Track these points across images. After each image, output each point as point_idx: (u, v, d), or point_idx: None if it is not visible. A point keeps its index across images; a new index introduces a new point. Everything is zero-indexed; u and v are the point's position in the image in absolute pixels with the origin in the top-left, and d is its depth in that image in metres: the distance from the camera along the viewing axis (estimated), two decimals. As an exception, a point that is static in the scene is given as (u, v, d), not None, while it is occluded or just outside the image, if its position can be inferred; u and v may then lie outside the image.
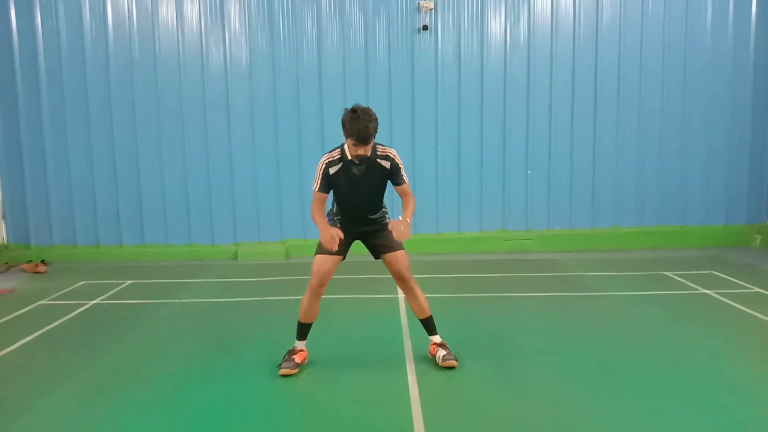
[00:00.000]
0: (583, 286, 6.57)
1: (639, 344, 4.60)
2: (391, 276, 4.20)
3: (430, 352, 4.25)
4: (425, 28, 8.28)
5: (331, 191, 4.08)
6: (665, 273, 7.00)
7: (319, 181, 3.97)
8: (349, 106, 3.86)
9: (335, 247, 3.78)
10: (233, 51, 8.39)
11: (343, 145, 3.98)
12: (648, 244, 8.74)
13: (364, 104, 3.87)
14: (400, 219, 3.81)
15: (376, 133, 3.82)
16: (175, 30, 8.30)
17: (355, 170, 3.93)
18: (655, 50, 8.54)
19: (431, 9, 8.28)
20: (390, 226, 3.82)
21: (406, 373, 4.03)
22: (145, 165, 8.44)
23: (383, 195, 4.16)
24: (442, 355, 4.11)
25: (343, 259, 4.14)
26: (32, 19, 8.14)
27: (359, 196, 4.03)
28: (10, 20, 8.13)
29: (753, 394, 3.68)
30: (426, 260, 7.79)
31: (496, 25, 8.45)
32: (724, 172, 8.82)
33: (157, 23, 8.27)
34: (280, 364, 4.07)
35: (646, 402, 3.58)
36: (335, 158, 3.96)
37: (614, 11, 8.47)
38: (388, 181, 4.07)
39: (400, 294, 6.08)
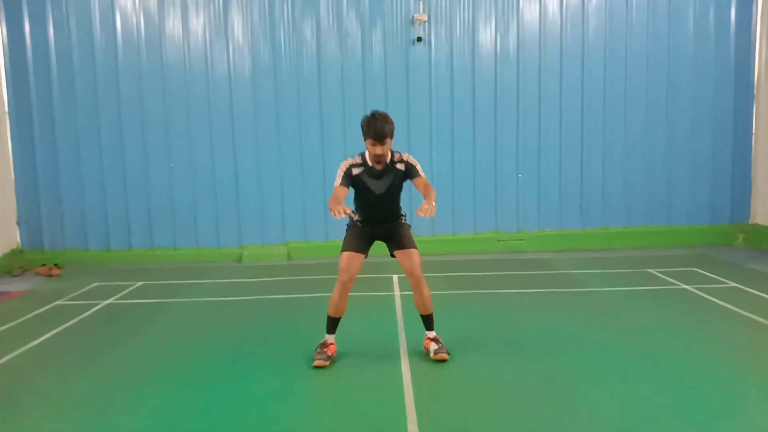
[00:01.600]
0: (572, 282, 6.94)
1: (620, 334, 4.96)
2: (387, 276, 4.53)
3: (424, 346, 4.55)
4: (419, 39, 8.66)
5: (353, 197, 4.43)
6: (649, 270, 7.36)
7: (341, 177, 4.28)
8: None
9: (340, 214, 3.86)
10: (237, 61, 8.76)
11: (363, 153, 4.34)
12: (635, 243, 9.11)
13: (361, 111, 4.23)
14: (425, 203, 3.98)
15: (392, 135, 4.19)
16: (182, 42, 8.68)
17: (375, 176, 4.30)
18: (639, 58, 8.94)
19: (425, 21, 8.67)
20: (418, 212, 3.94)
21: (400, 365, 4.34)
22: (153, 172, 8.80)
23: (400, 198, 4.50)
24: (434, 348, 4.41)
25: (366, 257, 4.45)
26: (45, 32, 8.50)
27: (379, 201, 4.37)
28: (24, 34, 8.50)
29: (719, 377, 4.04)
30: (422, 260, 8.11)
31: (486, 36, 8.84)
32: (708, 174, 9.20)
33: (164, 36, 8.65)
34: (313, 356, 4.37)
35: (622, 384, 3.93)
36: (357, 162, 4.32)
37: (600, 22, 8.87)
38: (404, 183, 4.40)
39: (396, 292, 6.45)
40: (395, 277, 6.96)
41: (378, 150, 4.17)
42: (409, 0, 8.73)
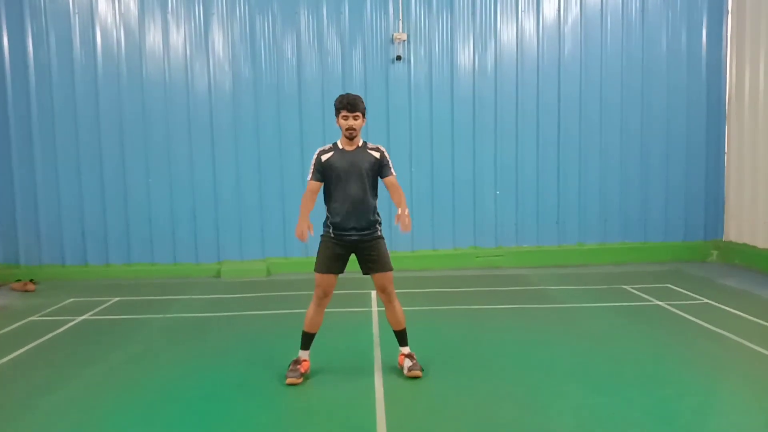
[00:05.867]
0: (547, 298, 7.02)
1: (591, 349, 5.04)
2: (365, 291, 4.57)
3: (398, 363, 4.57)
4: (399, 58, 8.78)
5: (324, 193, 4.42)
6: (624, 287, 7.47)
7: (312, 171, 4.38)
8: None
9: (305, 240, 4.03)
10: (217, 77, 8.80)
11: (336, 141, 4.44)
12: (611, 259, 9.24)
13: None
14: (399, 213, 4.08)
15: (364, 108, 4.31)
16: (162, 58, 8.71)
17: (346, 157, 4.32)
18: (614, 78, 9.13)
19: (404, 40, 8.80)
20: (396, 221, 4.07)
21: (373, 381, 4.36)
22: (132, 186, 8.77)
23: (375, 194, 4.43)
24: (408, 365, 4.43)
25: (341, 273, 4.42)
26: (24, 47, 8.49)
27: (351, 184, 4.29)
28: (3, 48, 8.48)
29: (687, 389, 4.13)
30: (401, 276, 8.14)
31: (465, 54, 8.99)
32: (682, 192, 9.37)
33: (144, 51, 8.67)
34: (285, 374, 4.35)
35: (593, 398, 4.00)
36: (327, 148, 4.43)
37: (575, 42, 9.06)
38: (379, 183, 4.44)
39: (374, 308, 6.47)
40: (373, 293, 6.95)
41: (350, 122, 4.26)
42: (389, 19, 8.85)
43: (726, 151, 9.38)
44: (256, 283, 8.24)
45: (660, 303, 6.59)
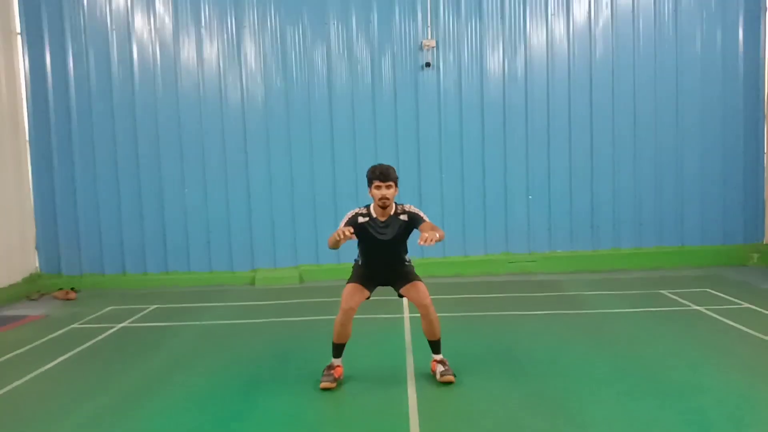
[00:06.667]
0: (581, 304, 6.92)
1: (626, 355, 4.95)
2: (397, 298, 4.61)
3: (431, 369, 4.59)
4: (428, 65, 8.81)
5: (357, 244, 4.54)
6: (661, 291, 7.33)
7: (345, 221, 4.39)
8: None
9: (341, 237, 3.95)
10: (250, 89, 8.97)
11: (369, 205, 4.48)
12: (647, 264, 9.06)
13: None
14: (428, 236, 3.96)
15: (396, 183, 4.36)
16: (196, 71, 8.92)
17: (379, 226, 4.41)
18: (647, 79, 8.99)
19: (433, 47, 8.83)
20: (419, 240, 3.96)
21: (406, 387, 4.37)
22: (168, 197, 8.98)
23: (405, 248, 4.59)
24: (440, 371, 4.44)
25: (369, 295, 4.54)
26: (65, 64, 8.79)
27: (383, 250, 4.48)
28: (46, 66, 8.79)
29: (725, 397, 4.03)
30: (433, 282, 8.10)
31: (494, 60, 8.97)
32: (720, 194, 9.16)
33: (179, 65, 8.89)
34: (320, 379, 4.42)
35: (628, 405, 3.94)
36: (363, 212, 4.46)
37: (607, 43, 8.96)
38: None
39: (406, 314, 6.49)
40: (405, 300, 6.95)
41: (383, 191, 4.30)
42: (418, 26, 8.90)
43: (765, 151, 9.13)
44: (290, 290, 8.34)
45: (699, 308, 6.44)
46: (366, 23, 8.90)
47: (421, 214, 4.45)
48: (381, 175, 4.30)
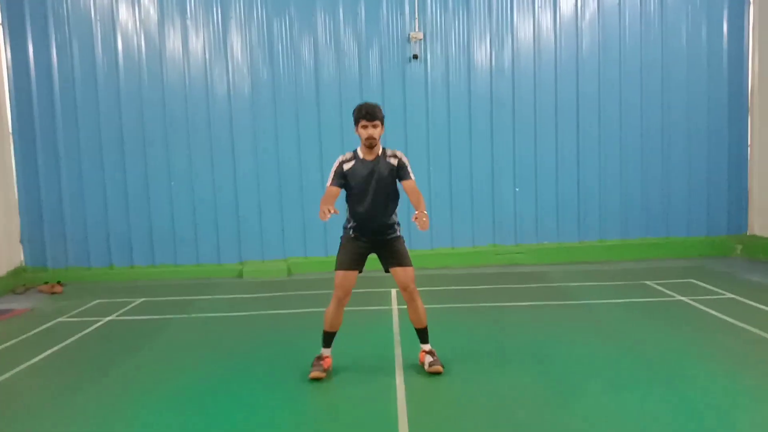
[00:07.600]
0: (568, 295, 6.98)
1: (613, 346, 5.01)
2: (385, 290, 4.60)
3: (419, 359, 4.61)
4: (415, 57, 8.81)
5: (346, 199, 4.49)
6: (646, 282, 7.40)
7: (332, 177, 4.40)
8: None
9: (325, 217, 3.94)
10: (236, 81, 8.91)
11: (355, 149, 4.47)
12: (633, 255, 9.16)
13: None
14: (417, 213, 4.01)
15: (383, 121, 4.34)
16: (182, 62, 8.84)
17: (366, 166, 4.37)
18: (633, 73, 9.06)
19: (420, 39, 8.82)
20: (413, 218, 4.01)
21: (395, 378, 4.40)
22: (154, 189, 8.91)
23: (395, 199, 4.52)
24: (429, 361, 4.47)
25: (360, 272, 4.50)
26: (49, 54, 8.67)
27: (371, 193, 4.38)
28: (29, 56, 8.67)
29: (709, 386, 4.09)
30: (420, 274, 8.14)
31: (481, 52, 8.98)
32: (705, 186, 9.27)
33: (164, 56, 8.81)
34: (310, 370, 4.43)
35: (615, 395, 3.98)
36: (348, 157, 4.44)
37: (593, 36, 9.00)
38: (398, 186, 4.46)
39: (394, 306, 6.51)
40: (393, 291, 7.00)
41: (369, 131, 4.29)
42: (405, 18, 8.88)
43: (749, 143, 9.24)
44: (278, 283, 8.33)
45: (683, 298, 6.53)
46: (353, 15, 8.86)
47: (409, 166, 4.43)
48: (367, 114, 4.26)
